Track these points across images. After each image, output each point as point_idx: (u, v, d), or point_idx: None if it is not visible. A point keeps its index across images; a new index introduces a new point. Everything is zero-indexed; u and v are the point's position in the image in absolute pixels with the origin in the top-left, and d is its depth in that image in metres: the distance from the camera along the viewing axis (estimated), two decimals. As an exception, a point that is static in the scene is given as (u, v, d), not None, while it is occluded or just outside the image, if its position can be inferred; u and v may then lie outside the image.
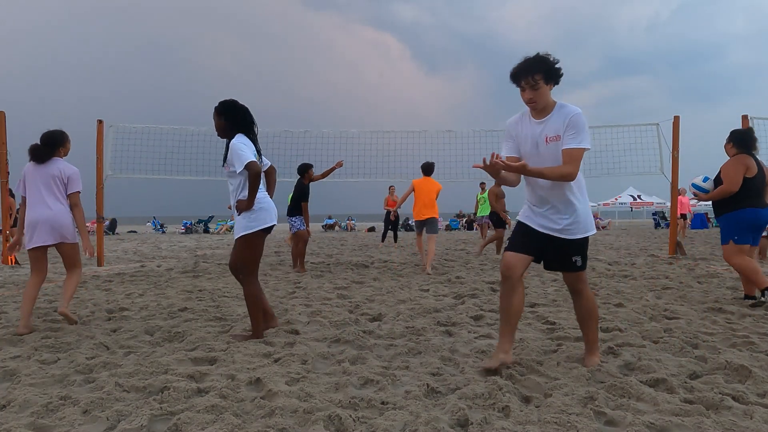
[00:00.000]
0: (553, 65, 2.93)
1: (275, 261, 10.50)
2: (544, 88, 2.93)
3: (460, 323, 4.46)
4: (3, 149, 9.84)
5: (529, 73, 2.90)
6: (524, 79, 2.92)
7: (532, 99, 2.95)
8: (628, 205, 36.81)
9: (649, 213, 38.19)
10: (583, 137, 2.91)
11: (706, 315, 4.60)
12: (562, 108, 2.99)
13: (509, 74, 3.00)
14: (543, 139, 2.99)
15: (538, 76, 2.90)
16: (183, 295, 6.15)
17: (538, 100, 2.95)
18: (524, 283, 6.88)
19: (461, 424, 2.40)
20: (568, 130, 2.91)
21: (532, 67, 2.90)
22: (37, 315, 4.96)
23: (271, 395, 2.74)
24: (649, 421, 2.34)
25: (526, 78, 2.91)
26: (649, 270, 8.08)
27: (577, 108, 2.96)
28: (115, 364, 3.30)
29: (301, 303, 5.55)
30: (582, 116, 2.94)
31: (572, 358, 3.33)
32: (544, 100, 2.96)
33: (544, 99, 2.96)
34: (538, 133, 3.00)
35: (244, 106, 4.09)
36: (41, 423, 2.42)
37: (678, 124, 10.84)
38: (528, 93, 2.94)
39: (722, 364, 3.11)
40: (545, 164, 2.96)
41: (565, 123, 2.92)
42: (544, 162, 2.98)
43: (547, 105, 2.99)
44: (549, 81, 2.94)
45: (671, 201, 11.50)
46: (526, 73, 2.91)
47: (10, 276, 8.41)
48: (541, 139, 2.99)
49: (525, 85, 2.93)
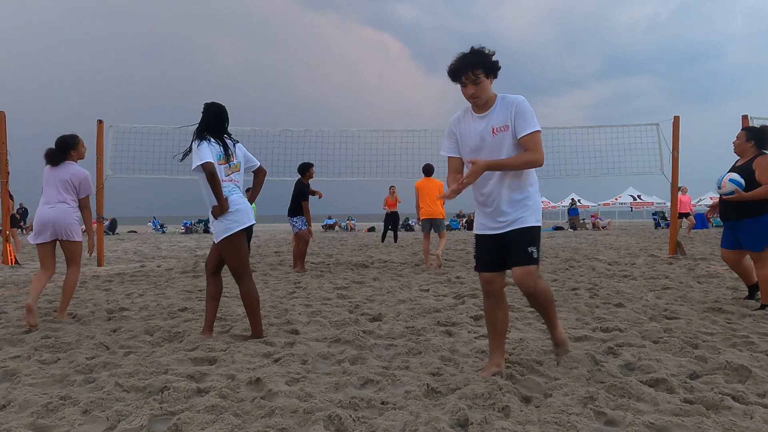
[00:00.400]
0: (491, 58, 2.91)
1: (275, 261, 10.50)
2: (485, 82, 2.91)
3: (460, 323, 4.46)
4: (3, 149, 9.84)
5: (470, 68, 2.87)
6: (465, 75, 2.89)
7: (475, 94, 2.92)
8: (628, 205, 36.82)
9: (649, 213, 38.19)
10: (534, 121, 2.90)
11: (706, 315, 4.60)
12: (505, 99, 2.97)
13: (447, 71, 2.96)
14: (489, 131, 2.95)
15: (479, 71, 2.87)
16: (183, 295, 6.15)
17: (480, 95, 2.92)
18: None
19: (461, 424, 2.40)
20: (518, 117, 2.89)
21: (473, 63, 2.87)
22: (37, 315, 4.94)
23: (271, 395, 2.74)
24: (649, 421, 2.34)
25: (467, 74, 2.88)
26: (649, 270, 8.08)
27: (519, 95, 2.96)
28: (115, 364, 3.30)
29: (301, 303, 5.55)
30: (526, 102, 2.93)
31: (572, 358, 3.33)
32: (486, 94, 2.94)
33: (486, 93, 2.94)
34: (483, 127, 2.96)
35: (218, 108, 4.09)
36: (41, 423, 2.42)
37: (678, 124, 10.84)
38: (470, 89, 2.91)
39: (722, 364, 3.11)
40: (494, 156, 2.93)
41: (512, 112, 2.90)
42: (493, 153, 2.94)
43: (489, 99, 2.97)
44: (489, 74, 2.92)
45: (671, 201, 11.50)
46: (467, 69, 2.88)
47: (10, 276, 8.41)
48: (488, 131, 2.95)
49: (466, 81, 2.90)
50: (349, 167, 11.92)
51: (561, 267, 8.72)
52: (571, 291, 6.12)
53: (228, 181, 4.01)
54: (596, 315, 4.70)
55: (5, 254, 10.21)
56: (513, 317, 4.68)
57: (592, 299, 5.53)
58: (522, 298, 5.69)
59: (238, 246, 4.00)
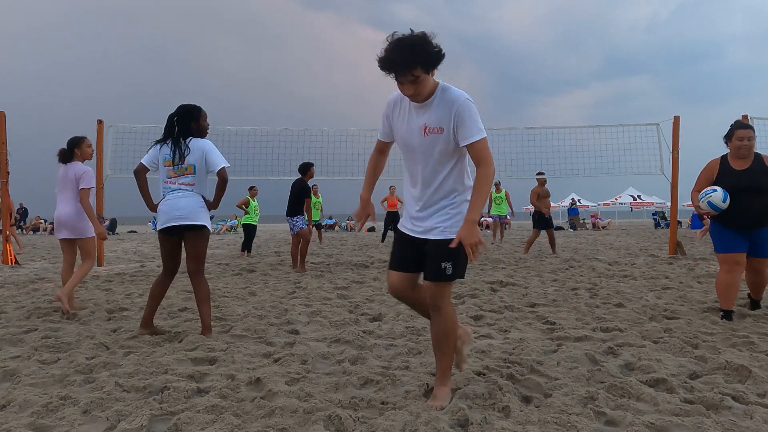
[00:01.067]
0: (432, 51, 2.42)
1: (275, 261, 10.50)
2: (426, 78, 2.47)
3: (460, 323, 4.45)
4: (3, 149, 9.84)
5: (405, 68, 2.40)
6: (402, 76, 2.43)
7: (413, 94, 2.50)
8: (628, 205, 36.82)
9: (649, 213, 38.19)
10: (480, 124, 2.51)
11: (706, 315, 4.60)
12: (446, 92, 2.54)
13: (379, 63, 2.46)
14: (421, 128, 2.56)
15: (418, 70, 2.40)
16: (183, 295, 6.15)
17: (421, 92, 2.50)
18: (524, 283, 6.88)
19: (461, 424, 2.40)
20: (461, 123, 2.49)
21: (408, 62, 2.39)
22: (38, 315, 4.96)
23: (271, 395, 2.74)
24: (649, 421, 2.34)
25: (405, 75, 2.42)
26: (649, 270, 8.08)
27: (463, 93, 2.54)
28: (115, 364, 3.30)
29: (301, 303, 5.55)
30: (471, 102, 2.53)
31: (572, 358, 3.33)
32: (426, 89, 2.51)
33: (426, 89, 2.50)
34: (415, 122, 2.59)
35: (180, 110, 4.15)
36: (41, 423, 2.42)
37: (678, 124, 10.85)
38: (408, 89, 2.48)
39: (722, 364, 3.11)
40: (421, 158, 2.59)
41: (453, 114, 2.50)
42: (418, 156, 2.60)
43: (429, 90, 2.54)
44: (430, 70, 2.47)
45: (671, 201, 11.50)
46: (403, 70, 2.41)
47: (10, 276, 8.41)
48: (419, 128, 2.57)
49: (404, 81, 2.45)
50: (349, 167, 11.91)
51: (561, 267, 8.72)
52: (571, 291, 6.12)
53: (171, 183, 4.04)
54: (596, 315, 4.70)
55: (5, 254, 10.21)
56: (513, 317, 4.69)
57: (592, 299, 5.53)
58: (522, 297, 5.70)
59: (161, 244, 4.16)
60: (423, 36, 2.42)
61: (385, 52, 2.44)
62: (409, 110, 2.62)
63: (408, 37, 2.42)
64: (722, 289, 4.48)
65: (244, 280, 7.63)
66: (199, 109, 4.17)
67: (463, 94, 2.54)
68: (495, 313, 4.89)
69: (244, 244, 12.02)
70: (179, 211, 3.96)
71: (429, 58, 2.42)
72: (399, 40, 2.42)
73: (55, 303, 5.51)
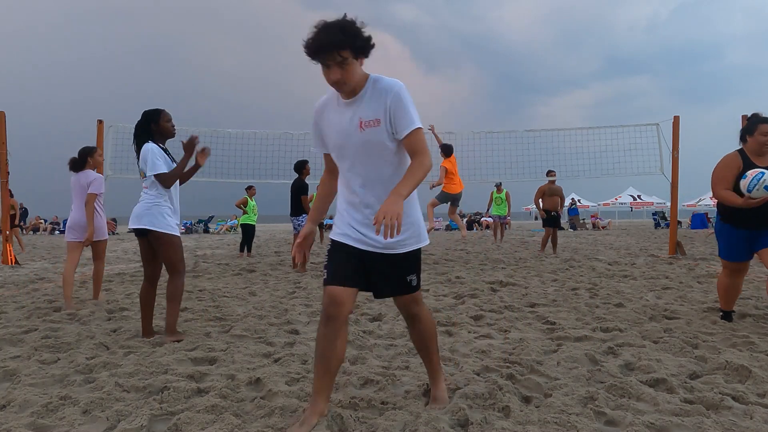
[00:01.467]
0: (361, 35, 2.26)
1: (275, 261, 10.50)
2: (354, 64, 2.27)
3: (460, 323, 4.46)
4: (3, 149, 9.84)
5: (333, 48, 2.21)
6: (327, 56, 2.23)
7: (340, 80, 2.27)
8: (628, 205, 36.83)
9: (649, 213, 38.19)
10: (416, 114, 2.33)
11: (706, 315, 4.60)
12: (378, 83, 2.35)
13: (305, 47, 2.26)
14: (356, 124, 2.34)
15: (346, 52, 2.22)
16: (183, 295, 6.14)
17: (347, 80, 2.28)
18: (524, 283, 6.87)
19: (461, 424, 2.40)
20: (397, 112, 2.30)
21: (337, 41, 2.20)
22: (38, 315, 4.96)
23: (271, 395, 2.74)
24: (649, 421, 2.34)
25: (330, 54, 2.22)
26: (649, 270, 8.08)
27: (396, 81, 2.35)
28: (115, 364, 3.30)
29: (301, 303, 5.55)
30: (405, 90, 2.34)
31: (572, 358, 3.33)
32: (354, 78, 2.30)
33: (354, 77, 2.29)
34: (349, 118, 2.36)
35: (141, 116, 4.18)
36: (41, 423, 2.42)
37: (678, 124, 10.85)
38: (335, 73, 2.25)
39: (722, 364, 3.11)
40: (361, 158, 2.38)
41: (387, 104, 2.31)
42: (360, 156, 2.38)
43: (358, 83, 2.34)
44: (359, 55, 2.30)
45: (671, 201, 11.50)
46: (330, 49, 2.22)
47: (10, 276, 8.41)
48: (354, 125, 2.35)
49: (330, 63, 2.24)
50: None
51: (561, 267, 8.72)
52: (571, 291, 6.12)
53: (144, 188, 4.11)
54: (596, 315, 4.70)
55: (5, 254, 10.21)
56: (513, 317, 4.69)
57: (592, 299, 5.53)
58: (522, 297, 5.70)
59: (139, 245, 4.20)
60: (353, 20, 2.27)
61: (313, 34, 2.25)
62: (340, 109, 2.41)
63: (337, 20, 2.27)
64: (723, 291, 4.44)
65: (244, 280, 7.63)
66: (159, 111, 4.16)
67: (397, 82, 2.34)
68: (495, 313, 4.89)
69: (243, 244, 12.02)
70: (134, 215, 4.05)
71: (357, 41, 2.25)
72: (327, 22, 2.26)
73: (55, 303, 5.53)
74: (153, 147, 4.02)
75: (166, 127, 4.17)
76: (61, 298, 5.81)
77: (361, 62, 2.32)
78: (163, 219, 4.00)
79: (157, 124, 4.12)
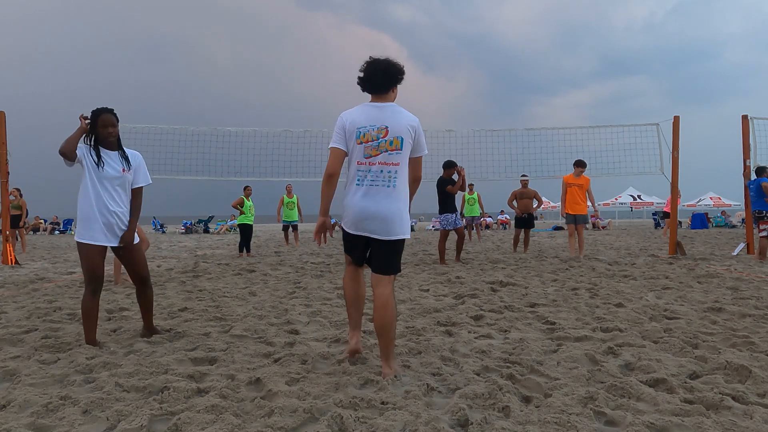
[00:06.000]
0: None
1: (275, 261, 10.50)
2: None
3: (460, 323, 4.46)
4: (3, 149, 9.84)
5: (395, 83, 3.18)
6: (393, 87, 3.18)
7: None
8: (628, 205, 36.80)
9: (649, 213, 38.18)
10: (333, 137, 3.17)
11: (706, 315, 4.60)
12: None
13: (368, 79, 3.13)
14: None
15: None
16: (183, 295, 6.15)
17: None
18: (524, 283, 6.85)
19: (461, 424, 2.40)
20: None
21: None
22: (37, 315, 4.96)
23: (271, 395, 2.74)
24: (649, 421, 2.34)
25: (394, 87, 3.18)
26: (649, 270, 8.08)
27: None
28: (115, 364, 3.30)
29: (301, 303, 5.55)
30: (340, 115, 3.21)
31: (572, 358, 3.33)
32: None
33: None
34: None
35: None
36: (41, 423, 2.42)
37: (678, 124, 10.85)
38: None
39: (722, 364, 3.11)
40: None
41: None
42: None
43: None
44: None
45: (671, 201, 11.50)
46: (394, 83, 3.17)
47: (10, 276, 8.41)
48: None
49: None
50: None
51: (561, 267, 8.72)
52: (571, 291, 6.12)
53: None
54: (596, 315, 4.70)
55: (5, 254, 10.21)
56: (513, 317, 4.69)
57: (592, 299, 5.53)
58: (522, 297, 5.70)
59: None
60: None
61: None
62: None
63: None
64: None
65: (244, 280, 7.63)
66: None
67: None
68: (495, 313, 4.89)
69: (242, 245, 12.01)
70: None
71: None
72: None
73: (55, 303, 5.53)
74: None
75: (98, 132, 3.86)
76: (61, 298, 5.86)
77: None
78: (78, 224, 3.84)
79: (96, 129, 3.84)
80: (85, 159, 3.77)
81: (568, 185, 10.41)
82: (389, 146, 3.03)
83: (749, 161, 10.89)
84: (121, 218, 3.86)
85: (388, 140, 3.03)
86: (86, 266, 3.77)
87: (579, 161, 10.57)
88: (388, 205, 3.00)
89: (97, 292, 3.83)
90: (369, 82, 3.10)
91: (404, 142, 3.04)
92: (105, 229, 3.78)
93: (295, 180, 12.76)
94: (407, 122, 3.07)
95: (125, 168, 3.89)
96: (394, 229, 3.03)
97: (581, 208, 10.36)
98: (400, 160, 3.04)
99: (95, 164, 3.78)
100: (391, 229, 3.02)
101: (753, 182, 9.73)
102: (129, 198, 3.95)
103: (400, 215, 3.04)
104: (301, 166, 12.19)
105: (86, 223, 3.76)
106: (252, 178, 12.39)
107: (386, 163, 3.02)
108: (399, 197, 3.04)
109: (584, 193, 10.41)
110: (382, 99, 3.13)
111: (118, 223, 3.85)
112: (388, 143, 3.03)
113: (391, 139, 3.03)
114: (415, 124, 3.10)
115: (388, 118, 3.06)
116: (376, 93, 3.14)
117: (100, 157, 3.80)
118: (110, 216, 3.79)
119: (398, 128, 3.04)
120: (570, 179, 10.43)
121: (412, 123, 3.09)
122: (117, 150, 3.92)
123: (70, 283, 7.38)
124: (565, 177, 10.53)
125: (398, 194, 3.04)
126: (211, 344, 3.77)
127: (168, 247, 15.95)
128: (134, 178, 3.97)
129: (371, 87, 3.12)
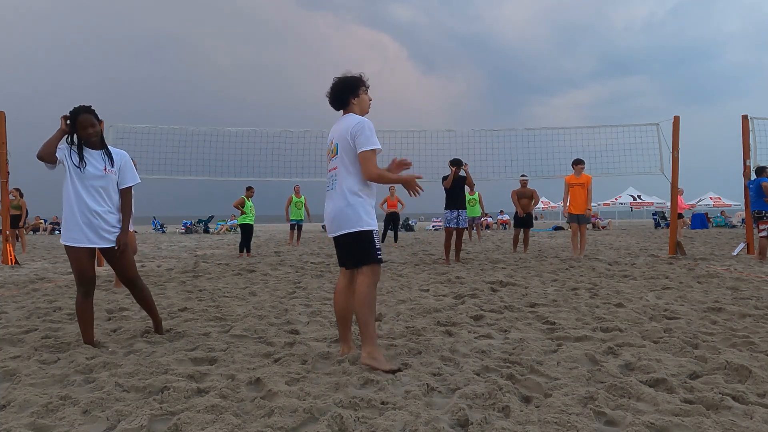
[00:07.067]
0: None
1: (275, 261, 10.50)
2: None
3: (460, 323, 4.46)
4: (3, 149, 9.84)
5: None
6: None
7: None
8: (628, 205, 36.80)
9: (649, 213, 38.18)
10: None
11: (706, 315, 4.60)
12: None
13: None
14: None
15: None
16: (183, 295, 6.15)
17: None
18: (524, 283, 6.86)
19: (461, 424, 2.40)
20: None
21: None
22: (37, 315, 4.96)
23: (271, 395, 2.74)
24: (649, 421, 2.34)
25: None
26: (649, 270, 8.08)
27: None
28: (115, 364, 3.30)
29: (301, 303, 5.55)
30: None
31: (572, 358, 3.33)
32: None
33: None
34: None
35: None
36: (41, 423, 2.42)
37: (678, 124, 10.85)
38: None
39: (722, 364, 3.11)
40: None
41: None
42: None
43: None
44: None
45: (671, 201, 11.50)
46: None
47: (10, 276, 8.41)
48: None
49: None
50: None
51: (561, 267, 8.72)
52: (571, 291, 6.12)
53: None
54: (596, 315, 4.70)
55: (5, 254, 10.21)
56: (513, 317, 4.69)
57: (592, 299, 5.53)
58: (522, 297, 5.70)
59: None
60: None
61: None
62: None
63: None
64: None
65: (244, 280, 7.63)
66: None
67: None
68: (495, 313, 4.89)
69: (242, 245, 12.02)
70: None
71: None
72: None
73: (55, 303, 5.52)
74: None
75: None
76: (61, 298, 5.87)
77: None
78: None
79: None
80: (66, 160, 3.70)
81: (570, 186, 10.47)
82: (331, 154, 3.41)
83: (749, 161, 10.90)
84: (104, 218, 3.73)
85: (331, 148, 3.42)
86: (74, 269, 3.74)
87: (576, 160, 10.64)
88: (333, 205, 3.33)
89: (89, 293, 3.77)
90: (329, 103, 3.51)
91: (339, 147, 3.33)
92: (87, 230, 3.69)
93: (295, 180, 12.77)
94: (345, 128, 3.31)
95: (107, 167, 3.78)
96: (339, 225, 3.30)
97: (583, 208, 10.42)
98: (338, 164, 3.33)
99: (75, 165, 3.69)
100: (337, 226, 3.32)
101: (753, 182, 9.74)
102: (116, 198, 3.84)
103: (342, 212, 3.28)
104: (301, 166, 12.22)
105: (68, 225, 3.70)
106: (252, 178, 12.41)
107: (331, 170, 3.41)
108: (340, 196, 3.30)
109: (586, 192, 10.42)
110: (345, 112, 3.47)
111: (101, 223, 3.72)
112: (330, 151, 3.43)
113: (332, 148, 3.40)
114: (351, 127, 3.27)
115: (335, 129, 3.43)
116: (336, 110, 3.52)
117: (82, 158, 3.71)
118: (92, 216, 3.69)
119: (336, 136, 3.37)
120: (571, 179, 10.49)
121: (349, 126, 3.29)
122: (100, 149, 3.82)
123: (70, 283, 7.38)
124: (567, 177, 10.61)
125: (339, 194, 3.30)
126: (211, 344, 3.78)
127: (168, 247, 15.95)
128: (121, 177, 3.86)
129: (332, 106, 3.53)
